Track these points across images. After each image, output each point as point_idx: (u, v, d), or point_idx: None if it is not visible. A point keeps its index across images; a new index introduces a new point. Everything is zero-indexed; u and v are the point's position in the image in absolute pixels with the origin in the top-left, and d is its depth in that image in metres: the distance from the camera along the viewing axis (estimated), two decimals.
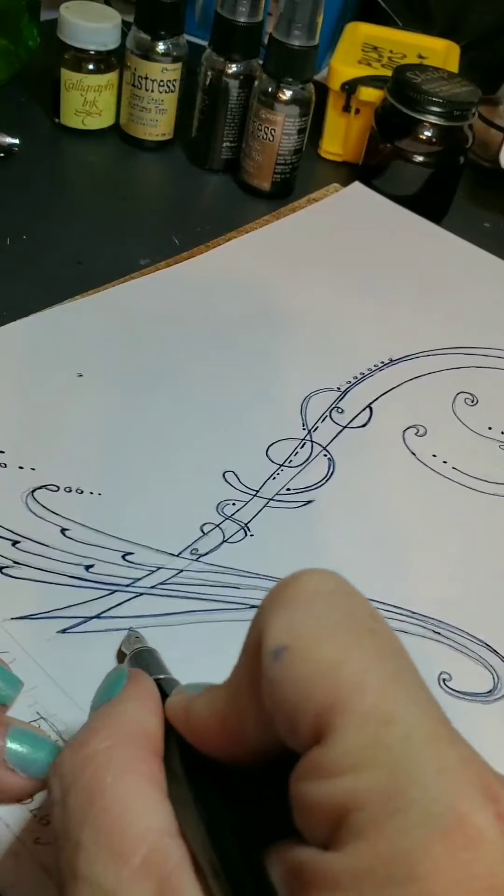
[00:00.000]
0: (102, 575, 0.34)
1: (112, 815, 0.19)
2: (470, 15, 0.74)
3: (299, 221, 0.57)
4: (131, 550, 0.35)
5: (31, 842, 0.26)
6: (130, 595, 0.33)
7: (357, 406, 0.44)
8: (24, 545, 0.34)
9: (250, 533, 0.37)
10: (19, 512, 0.35)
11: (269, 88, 0.56)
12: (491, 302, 0.54)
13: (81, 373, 0.42)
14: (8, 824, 0.26)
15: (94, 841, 0.19)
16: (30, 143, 0.60)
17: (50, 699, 0.29)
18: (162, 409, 0.41)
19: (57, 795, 0.21)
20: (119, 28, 0.60)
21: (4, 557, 0.34)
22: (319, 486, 0.39)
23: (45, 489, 0.36)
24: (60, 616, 0.32)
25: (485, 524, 0.40)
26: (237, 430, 0.41)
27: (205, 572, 0.35)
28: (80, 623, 0.32)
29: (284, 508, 0.38)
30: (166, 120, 0.62)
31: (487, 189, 0.67)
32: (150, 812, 0.19)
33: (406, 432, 0.43)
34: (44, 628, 0.32)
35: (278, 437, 0.41)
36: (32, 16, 0.65)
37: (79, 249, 0.53)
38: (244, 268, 0.52)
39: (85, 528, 0.35)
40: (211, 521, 0.37)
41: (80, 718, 0.29)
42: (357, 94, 0.63)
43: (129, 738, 0.21)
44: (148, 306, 0.47)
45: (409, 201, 0.60)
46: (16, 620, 0.32)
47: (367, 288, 0.52)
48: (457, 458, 0.43)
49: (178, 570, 0.34)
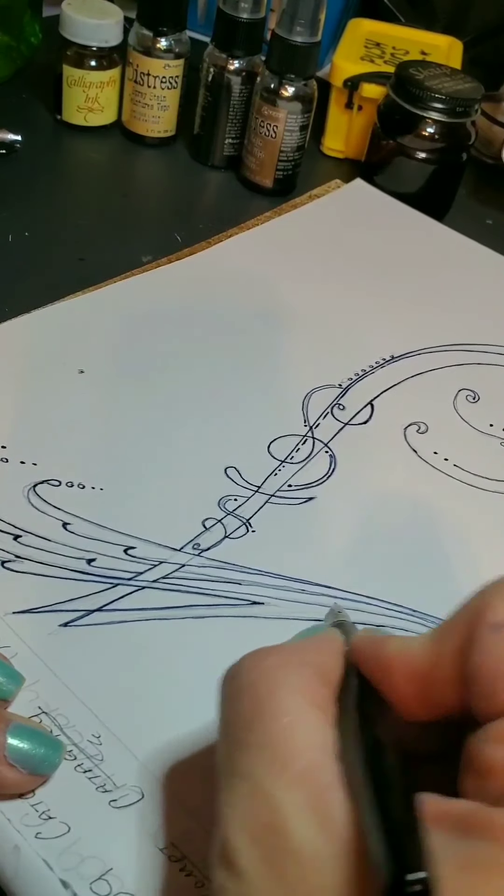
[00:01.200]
0: (104, 569, 0.34)
1: (280, 724, 0.20)
2: (472, 11, 0.74)
3: (300, 218, 0.57)
4: (133, 545, 0.35)
5: (32, 837, 0.26)
6: (132, 588, 0.33)
7: (358, 403, 0.44)
8: (25, 539, 0.34)
9: (252, 529, 0.37)
10: (21, 507, 0.35)
11: (271, 85, 0.56)
12: (493, 299, 0.54)
13: (83, 369, 0.42)
14: (10, 818, 0.26)
15: (259, 744, 0.20)
16: (32, 140, 0.60)
17: (52, 693, 0.29)
18: (163, 405, 0.41)
19: (228, 694, 0.22)
20: (121, 24, 0.60)
21: (6, 552, 0.33)
22: (321, 483, 0.39)
23: (46, 484, 0.36)
24: (62, 609, 0.32)
25: (486, 522, 0.40)
26: (239, 426, 0.41)
27: (206, 567, 0.35)
28: (83, 616, 0.32)
29: (286, 505, 0.38)
30: (168, 116, 0.62)
31: (490, 186, 0.67)
32: (316, 730, 0.21)
33: (407, 429, 0.43)
34: (46, 622, 0.32)
35: (280, 434, 0.41)
36: (34, 12, 0.65)
37: (81, 246, 0.53)
38: (245, 264, 0.52)
39: (87, 523, 0.35)
40: (213, 516, 0.37)
41: (82, 713, 0.29)
42: (359, 91, 0.63)
43: (307, 665, 0.22)
44: (149, 303, 0.47)
45: (412, 198, 0.60)
46: (17, 614, 0.32)
47: (368, 284, 0.52)
48: (458, 455, 0.42)
49: (180, 565, 0.34)
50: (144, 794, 0.27)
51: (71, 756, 0.28)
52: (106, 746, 0.28)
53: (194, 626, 0.33)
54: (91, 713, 0.29)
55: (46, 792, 0.27)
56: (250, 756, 0.20)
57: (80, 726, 0.29)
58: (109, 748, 0.28)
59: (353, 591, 0.35)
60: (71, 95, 0.61)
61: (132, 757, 0.28)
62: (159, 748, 0.29)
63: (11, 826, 0.26)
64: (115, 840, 0.26)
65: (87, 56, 0.59)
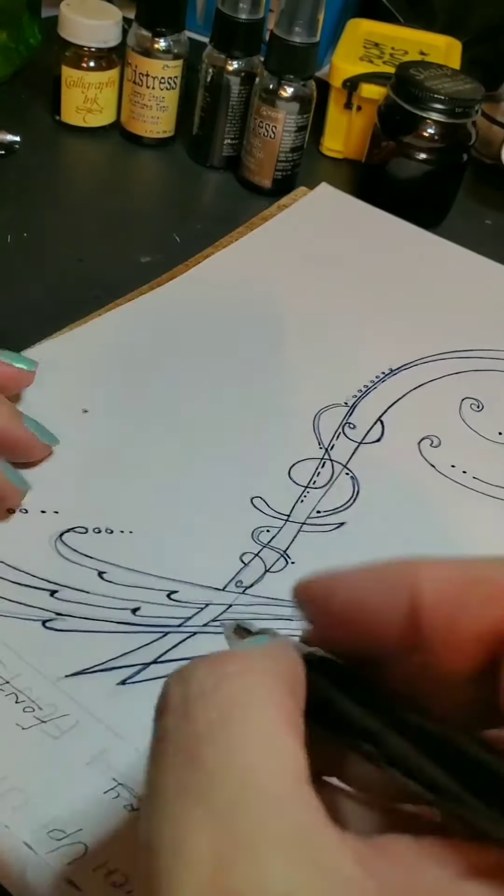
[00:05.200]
0: (151, 617, 0.32)
1: (251, 741, 0.17)
2: (471, 11, 0.74)
3: (273, 230, 0.55)
4: (175, 588, 0.33)
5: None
6: (184, 635, 0.32)
7: (368, 420, 0.43)
8: (62, 594, 0.32)
9: (291, 560, 0.35)
10: (51, 559, 0.33)
11: (270, 85, 0.56)
12: (478, 301, 0.53)
13: (86, 408, 0.40)
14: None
15: (224, 763, 0.16)
16: (31, 141, 0.60)
17: (124, 762, 0.27)
18: (173, 438, 0.40)
19: (176, 703, 0.18)
20: (120, 25, 0.60)
21: (45, 610, 0.31)
22: (348, 507, 0.39)
23: (72, 532, 0.34)
24: (116, 666, 0.30)
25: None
26: (256, 454, 0.40)
27: (254, 605, 0.33)
28: (139, 671, 0.30)
29: (319, 532, 0.37)
30: (167, 117, 0.62)
31: (489, 186, 0.67)
32: (290, 751, 0.17)
33: (421, 444, 0.43)
34: (102, 682, 0.30)
35: (298, 458, 0.40)
36: (33, 13, 0.65)
37: (79, 246, 0.53)
38: (227, 284, 0.50)
39: (123, 570, 0.33)
40: (249, 550, 0.35)
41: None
42: (358, 91, 0.63)
43: (270, 673, 0.18)
44: (139, 332, 0.45)
45: (411, 198, 0.60)
46: (70, 678, 0.29)
47: (353, 294, 0.51)
48: (475, 466, 0.42)
49: (227, 605, 0.33)
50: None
51: None
52: None
53: None
54: None
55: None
56: (211, 778, 0.16)
57: None
58: None
59: None
60: (70, 96, 0.61)
61: None
62: None
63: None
64: None
65: (85, 57, 0.59)
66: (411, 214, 0.58)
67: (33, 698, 0.29)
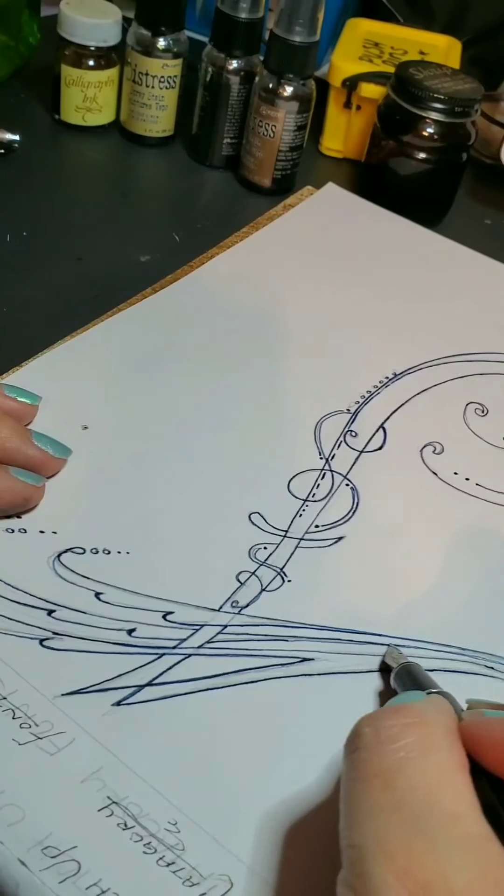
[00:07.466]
0: (146, 638, 0.32)
1: (434, 777, 0.22)
2: (471, 11, 0.74)
3: (279, 230, 0.55)
4: (171, 609, 0.33)
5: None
6: (179, 657, 0.32)
7: (370, 428, 0.43)
8: (60, 613, 0.32)
9: (287, 578, 0.35)
10: (49, 579, 0.33)
11: (269, 85, 0.56)
12: (482, 303, 0.52)
13: (86, 425, 0.40)
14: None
15: (412, 787, 0.21)
16: (30, 140, 0.60)
17: (118, 781, 0.28)
18: (173, 455, 0.39)
19: (368, 741, 0.23)
20: (119, 24, 0.60)
21: (42, 629, 0.32)
22: (347, 520, 0.38)
23: (70, 552, 0.34)
24: (112, 687, 0.30)
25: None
26: (255, 467, 0.39)
27: (249, 626, 0.33)
28: (134, 692, 0.30)
29: (317, 548, 0.37)
30: (167, 116, 0.62)
31: (489, 186, 0.67)
32: (465, 784, 0.22)
33: (423, 451, 0.42)
34: (97, 702, 0.30)
35: (298, 470, 0.40)
36: (33, 12, 0.65)
37: (79, 246, 0.53)
38: (229, 287, 0.49)
39: (120, 591, 0.33)
40: (246, 568, 0.35)
41: (153, 799, 0.27)
42: (358, 91, 0.63)
43: (441, 725, 0.23)
44: (139, 340, 0.45)
45: (411, 198, 0.60)
46: (67, 696, 0.30)
47: (357, 296, 0.51)
48: (479, 474, 0.41)
49: (222, 627, 0.33)
50: (233, 882, 0.26)
51: (151, 849, 0.26)
52: (185, 833, 0.27)
53: (248, 692, 0.31)
54: (163, 798, 0.28)
55: (132, 890, 0.25)
56: (401, 794, 0.21)
57: (154, 814, 0.27)
58: (189, 835, 0.27)
59: (402, 636, 0.34)
60: (69, 95, 0.61)
61: (213, 841, 0.27)
62: (241, 829, 0.27)
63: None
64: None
65: (85, 56, 0.59)
66: (411, 214, 0.58)
67: (30, 715, 0.29)
